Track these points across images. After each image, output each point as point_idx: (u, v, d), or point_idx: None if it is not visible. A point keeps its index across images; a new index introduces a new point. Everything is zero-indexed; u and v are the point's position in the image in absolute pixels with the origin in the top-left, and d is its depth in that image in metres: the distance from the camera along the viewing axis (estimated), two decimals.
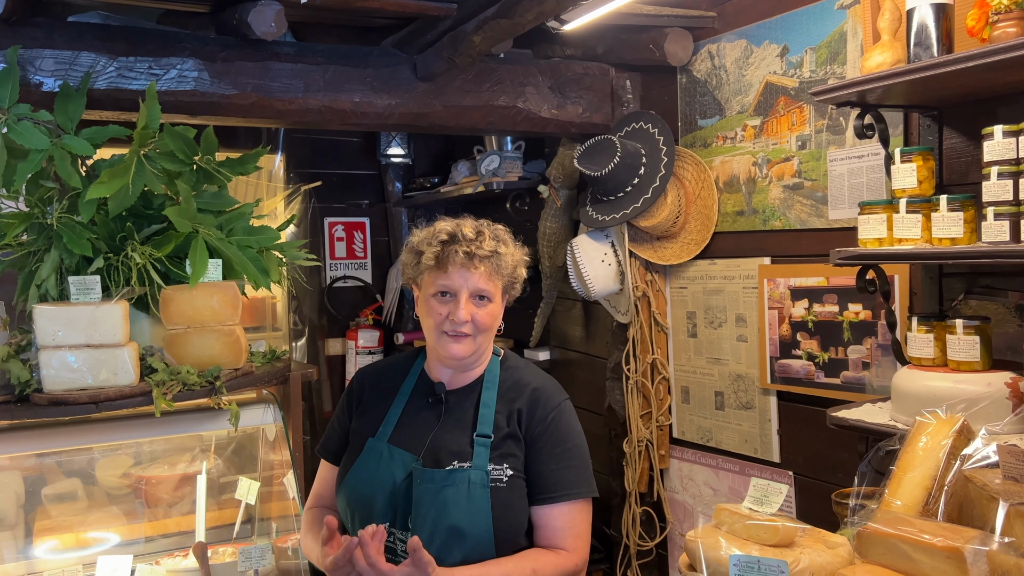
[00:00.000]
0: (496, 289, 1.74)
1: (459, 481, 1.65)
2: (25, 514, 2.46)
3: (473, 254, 1.69)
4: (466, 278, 1.69)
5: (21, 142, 1.99)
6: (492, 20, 2.24)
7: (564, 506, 1.70)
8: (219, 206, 2.25)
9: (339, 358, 4.30)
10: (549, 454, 1.71)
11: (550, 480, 1.70)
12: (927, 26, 1.77)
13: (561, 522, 1.70)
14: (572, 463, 1.73)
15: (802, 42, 2.47)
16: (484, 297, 1.71)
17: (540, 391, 1.77)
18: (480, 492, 1.65)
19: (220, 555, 2.34)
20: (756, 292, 2.68)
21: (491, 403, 1.75)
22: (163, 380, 1.98)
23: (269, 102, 2.53)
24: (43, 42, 2.25)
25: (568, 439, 1.74)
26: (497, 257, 1.72)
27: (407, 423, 1.78)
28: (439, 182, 4.16)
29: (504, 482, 1.68)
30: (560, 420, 1.74)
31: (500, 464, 1.68)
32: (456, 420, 1.75)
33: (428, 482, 1.66)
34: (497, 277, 1.73)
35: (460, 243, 1.70)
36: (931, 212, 1.81)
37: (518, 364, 1.85)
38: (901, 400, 1.88)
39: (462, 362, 1.75)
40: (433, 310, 1.72)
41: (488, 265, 1.71)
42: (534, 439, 1.72)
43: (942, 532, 1.29)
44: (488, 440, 1.70)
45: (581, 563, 1.71)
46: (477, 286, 1.70)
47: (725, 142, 2.77)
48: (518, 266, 1.79)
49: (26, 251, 2.11)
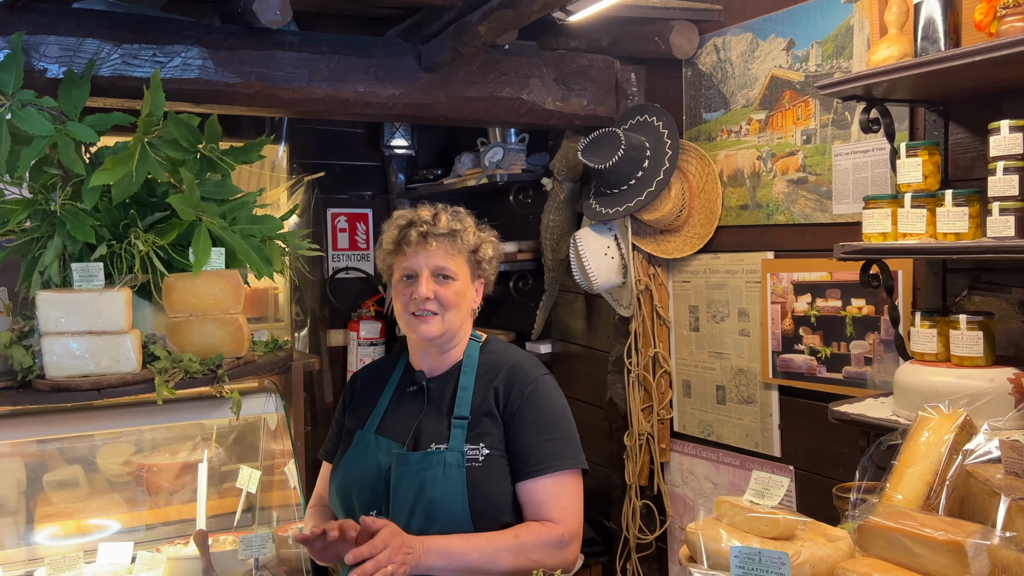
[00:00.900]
0: (458, 267, 1.77)
1: (435, 463, 1.68)
2: (26, 500, 2.46)
3: (428, 233, 1.75)
4: (425, 257, 1.75)
5: (25, 128, 1.99)
6: (498, 10, 2.24)
7: (547, 479, 1.70)
8: (222, 195, 2.24)
9: (341, 349, 4.30)
10: (529, 428, 1.72)
11: (531, 454, 1.71)
12: (934, 20, 1.77)
13: (544, 495, 1.70)
14: (553, 436, 1.73)
15: (808, 36, 2.46)
16: (447, 276, 1.75)
17: (516, 368, 1.79)
18: (456, 472, 1.67)
19: (221, 543, 2.35)
20: (759, 286, 2.67)
21: (469, 386, 1.77)
22: (165, 368, 1.98)
23: (273, 91, 2.53)
24: (47, 28, 2.24)
25: (548, 412, 1.75)
26: (454, 235, 1.76)
27: (393, 413, 1.82)
28: (442, 174, 4.16)
29: (480, 461, 1.69)
30: (538, 394, 1.75)
31: (476, 444, 1.70)
32: (437, 406, 1.78)
33: (405, 465, 1.69)
34: (457, 254, 1.77)
35: (416, 225, 1.76)
36: (936, 207, 1.81)
37: (498, 347, 1.87)
38: (903, 395, 1.88)
39: (434, 342, 1.78)
40: (400, 293, 1.77)
41: (444, 242, 1.75)
42: (512, 415, 1.73)
43: (943, 526, 1.29)
44: (464, 422, 1.72)
45: (569, 534, 1.69)
46: (436, 264, 1.74)
47: (730, 136, 2.77)
48: (482, 245, 1.82)
49: (29, 237, 2.11)
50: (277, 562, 2.31)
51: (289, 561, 2.34)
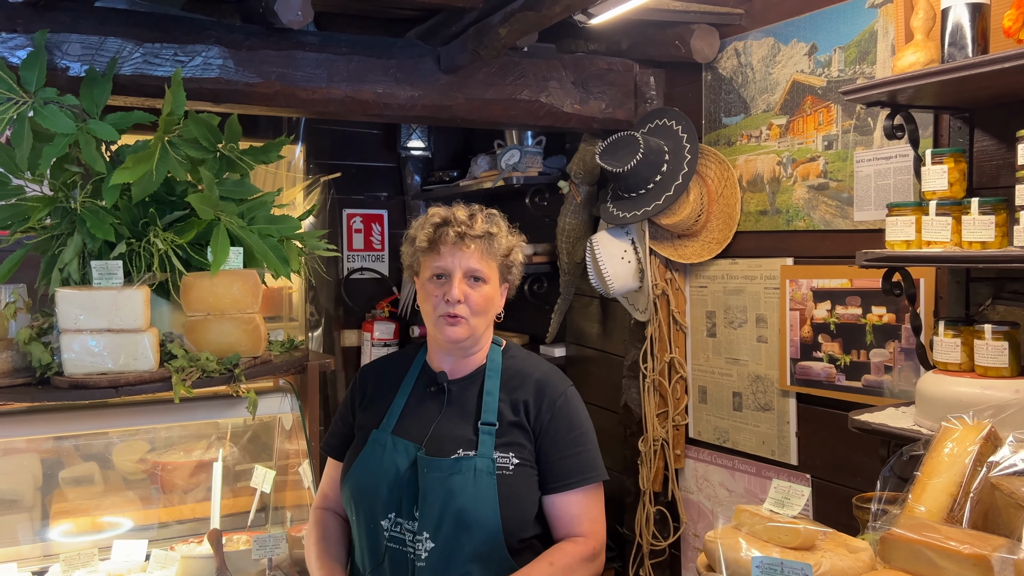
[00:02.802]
0: (490, 271, 1.75)
1: (465, 469, 1.66)
2: (42, 496, 2.48)
3: (464, 234, 1.72)
4: (459, 258, 1.71)
5: (47, 126, 2.00)
6: (519, 12, 2.23)
7: (579, 492, 1.71)
8: (241, 194, 2.25)
9: (354, 349, 4.30)
10: (561, 442, 1.72)
11: (563, 468, 1.71)
12: (962, 26, 1.74)
13: (577, 509, 1.72)
14: (582, 449, 1.74)
15: (831, 41, 2.44)
16: (478, 279, 1.73)
17: (544, 380, 1.78)
18: (487, 480, 1.65)
19: (234, 542, 2.35)
20: (777, 293, 2.65)
21: (494, 391, 1.76)
22: (182, 366, 1.98)
23: (293, 91, 2.53)
24: (70, 27, 2.25)
25: (577, 426, 1.75)
26: (490, 238, 1.74)
27: (410, 414, 1.79)
28: (458, 175, 4.15)
29: (510, 470, 1.68)
30: (567, 408, 1.76)
31: (506, 452, 1.69)
32: (459, 409, 1.76)
33: (435, 471, 1.67)
34: (491, 258, 1.75)
35: (452, 225, 1.73)
36: (961, 215, 1.78)
37: (520, 354, 1.86)
38: (926, 405, 1.86)
39: (459, 345, 1.76)
40: (430, 294, 1.74)
41: (480, 245, 1.73)
42: (544, 429, 1.72)
43: (968, 539, 1.27)
44: (493, 428, 1.71)
45: (599, 546, 1.73)
46: (470, 265, 1.72)
47: (750, 141, 2.75)
48: (513, 250, 1.80)
49: (49, 235, 2.12)
50: (291, 562, 2.31)
51: (302, 561, 2.33)
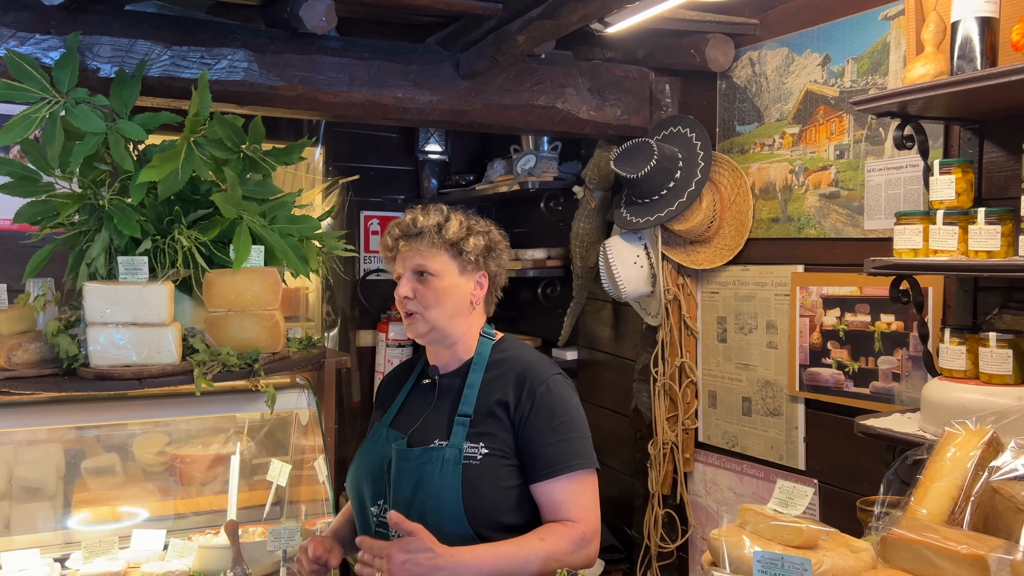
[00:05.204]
0: (439, 263, 1.79)
1: (435, 459, 1.71)
2: (65, 486, 2.54)
3: (400, 235, 1.82)
4: (406, 258, 1.81)
5: (78, 125, 2.06)
6: (537, 20, 2.27)
7: (563, 479, 1.72)
8: (263, 194, 2.30)
9: (369, 349, 4.36)
10: (542, 430, 1.73)
11: (545, 456, 1.72)
12: (971, 39, 1.78)
13: (562, 495, 1.72)
14: (566, 437, 1.73)
15: (844, 52, 2.47)
16: (424, 272, 1.79)
17: (526, 371, 1.79)
18: (452, 469, 1.69)
19: (250, 534, 2.40)
20: (788, 299, 2.68)
21: (476, 384, 1.79)
22: (204, 360, 2.04)
23: (315, 94, 2.59)
24: (101, 29, 2.32)
25: (560, 414, 1.75)
26: (427, 232, 1.79)
27: (408, 407, 1.88)
28: (474, 180, 4.20)
29: (477, 460, 1.71)
30: (549, 395, 1.75)
31: (476, 443, 1.72)
32: (446, 401, 1.82)
33: (404, 460, 1.74)
34: (438, 249, 1.79)
35: (400, 228, 1.84)
36: (968, 225, 1.81)
37: (510, 347, 1.88)
38: (931, 411, 1.88)
39: (425, 340, 1.83)
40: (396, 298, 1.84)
41: (424, 240, 1.80)
42: (525, 418, 1.73)
43: (967, 540, 1.30)
44: (467, 419, 1.75)
45: (590, 532, 1.72)
46: (415, 262, 1.80)
47: (763, 149, 2.78)
48: (468, 237, 1.82)
49: (77, 231, 2.18)
50: None
51: None
